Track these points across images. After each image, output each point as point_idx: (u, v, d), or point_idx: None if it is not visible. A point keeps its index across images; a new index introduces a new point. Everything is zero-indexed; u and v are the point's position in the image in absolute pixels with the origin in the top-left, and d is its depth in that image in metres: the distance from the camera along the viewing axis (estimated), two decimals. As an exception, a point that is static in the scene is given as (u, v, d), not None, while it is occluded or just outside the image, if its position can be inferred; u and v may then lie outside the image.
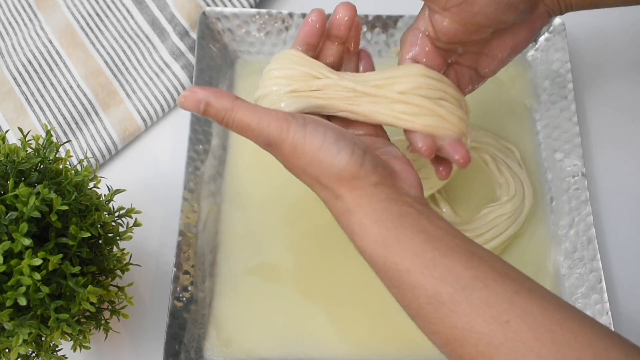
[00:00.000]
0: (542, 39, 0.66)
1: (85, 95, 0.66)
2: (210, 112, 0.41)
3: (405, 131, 0.48)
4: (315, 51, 0.48)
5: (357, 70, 0.50)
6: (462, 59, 0.50)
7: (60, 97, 0.66)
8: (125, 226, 0.51)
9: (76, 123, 0.65)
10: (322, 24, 0.47)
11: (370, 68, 0.50)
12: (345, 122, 0.47)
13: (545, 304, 0.37)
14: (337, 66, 0.49)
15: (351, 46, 0.49)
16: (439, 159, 0.51)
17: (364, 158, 0.41)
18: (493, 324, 0.36)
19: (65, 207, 0.44)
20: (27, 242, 0.41)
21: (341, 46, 0.48)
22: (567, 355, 0.35)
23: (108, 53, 0.69)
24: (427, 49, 0.48)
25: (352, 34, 0.48)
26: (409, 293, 0.39)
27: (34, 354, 0.47)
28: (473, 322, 0.36)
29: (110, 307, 0.51)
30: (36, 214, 0.42)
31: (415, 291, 0.38)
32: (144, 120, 0.66)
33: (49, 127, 0.51)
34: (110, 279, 0.50)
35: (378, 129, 0.48)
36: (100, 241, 0.49)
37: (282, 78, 0.46)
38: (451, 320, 0.37)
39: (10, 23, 0.71)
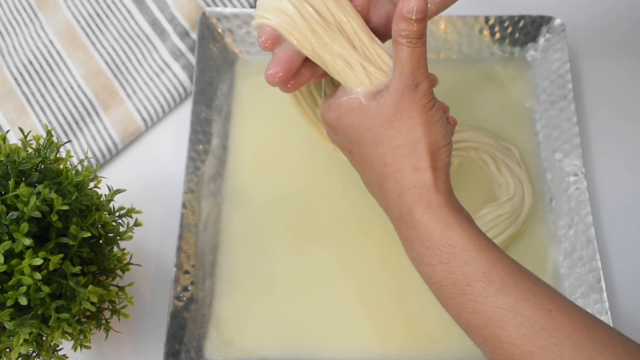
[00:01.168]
0: (541, 39, 0.67)
1: (85, 95, 0.66)
2: (418, 26, 0.42)
3: None
4: None
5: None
6: None
7: (60, 97, 0.67)
8: (125, 226, 0.51)
9: (77, 123, 0.65)
10: None
11: None
12: None
13: (577, 307, 0.39)
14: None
15: None
16: None
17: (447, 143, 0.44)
18: (537, 310, 0.38)
19: (65, 207, 0.44)
20: (27, 242, 0.41)
21: None
22: (602, 347, 0.36)
23: (108, 53, 0.69)
24: None
25: None
26: (459, 270, 0.40)
27: (34, 354, 0.47)
28: (518, 304, 0.38)
29: (110, 306, 0.51)
30: (37, 214, 0.43)
31: (466, 268, 0.40)
32: (144, 120, 0.66)
33: (49, 127, 0.51)
34: (110, 278, 0.50)
35: None
36: (100, 241, 0.49)
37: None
38: (497, 299, 0.39)
39: (10, 23, 0.72)
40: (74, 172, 0.48)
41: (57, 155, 0.49)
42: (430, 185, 0.42)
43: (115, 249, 0.51)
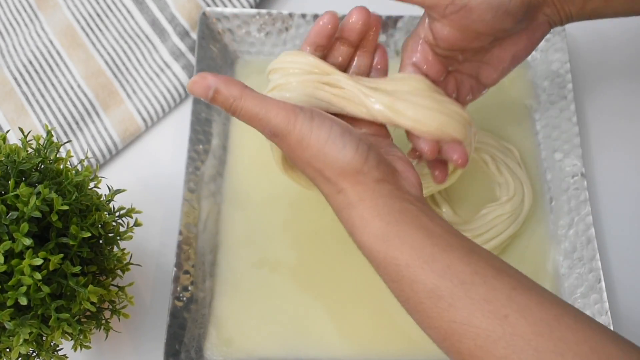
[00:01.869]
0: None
1: (85, 95, 0.66)
2: (218, 99, 0.41)
3: (408, 133, 0.48)
4: (323, 52, 0.48)
5: (370, 68, 0.50)
6: (462, 67, 0.50)
7: (60, 97, 0.67)
8: (125, 226, 0.51)
9: (77, 123, 0.65)
10: (334, 27, 0.47)
11: (384, 66, 0.50)
12: (348, 120, 0.47)
13: (542, 300, 0.37)
14: (344, 68, 0.49)
15: (366, 47, 0.49)
16: (435, 163, 0.51)
17: (368, 154, 0.41)
18: (491, 318, 0.36)
19: (65, 207, 0.44)
20: (27, 242, 0.42)
21: (351, 49, 0.49)
22: (564, 349, 0.35)
23: (108, 53, 0.69)
24: (427, 56, 0.48)
25: (371, 36, 0.48)
26: (408, 288, 0.39)
27: (34, 354, 0.47)
28: (471, 316, 0.37)
29: (110, 306, 0.51)
30: (37, 214, 0.43)
31: (414, 285, 0.39)
32: (144, 120, 0.66)
33: (49, 127, 0.51)
34: (110, 278, 0.50)
35: (382, 129, 0.48)
36: (100, 241, 0.49)
37: (291, 70, 0.46)
38: (450, 314, 0.37)
39: (10, 23, 0.72)
40: (74, 172, 0.48)
41: (57, 155, 0.49)
42: (354, 203, 0.41)
43: (115, 249, 0.51)
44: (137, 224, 0.51)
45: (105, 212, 0.49)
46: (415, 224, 0.40)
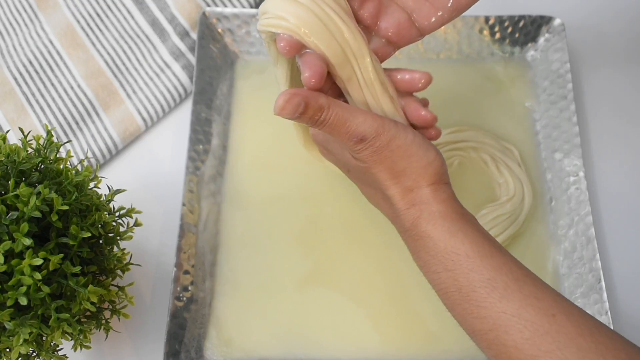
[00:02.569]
0: (541, 39, 0.67)
1: (85, 95, 0.66)
2: (308, 112, 0.42)
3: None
4: None
5: None
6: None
7: (60, 97, 0.67)
8: (125, 226, 0.51)
9: (77, 123, 0.65)
10: None
11: None
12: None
13: (581, 311, 0.40)
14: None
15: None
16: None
17: (443, 159, 0.45)
18: (541, 314, 0.39)
19: (65, 207, 0.44)
20: (27, 242, 0.41)
21: None
22: (605, 352, 0.37)
23: (108, 53, 0.69)
24: None
25: None
26: (463, 276, 0.41)
27: (34, 354, 0.47)
28: (522, 310, 0.39)
29: (110, 306, 0.51)
30: (37, 214, 0.43)
31: (470, 275, 0.41)
32: (144, 120, 0.66)
33: (49, 127, 0.51)
34: (110, 278, 0.50)
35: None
36: (100, 241, 0.49)
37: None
38: (502, 305, 0.39)
39: (10, 23, 0.72)
40: (74, 172, 0.48)
41: (57, 155, 0.49)
42: (430, 199, 0.43)
43: (115, 249, 0.50)
44: (137, 223, 0.51)
45: (105, 212, 0.49)
46: (475, 226, 0.43)
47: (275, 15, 0.43)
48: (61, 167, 0.48)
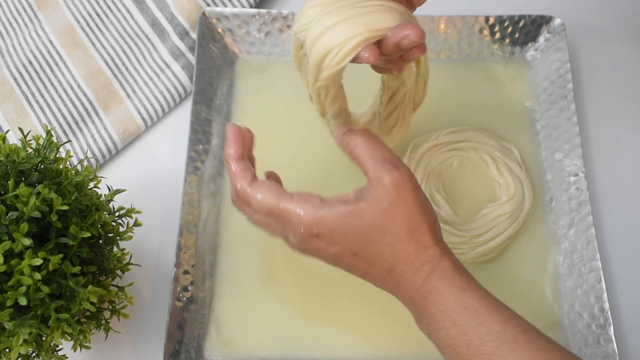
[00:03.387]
0: (541, 39, 0.67)
1: (85, 95, 0.66)
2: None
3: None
4: None
5: None
6: None
7: (60, 97, 0.66)
8: (125, 226, 0.51)
9: (76, 123, 0.65)
10: None
11: None
12: None
13: None
14: None
15: None
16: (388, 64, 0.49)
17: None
18: None
19: (65, 207, 0.44)
20: (27, 242, 0.41)
21: None
22: None
23: (108, 53, 0.69)
24: None
25: None
26: (473, 331, 0.42)
27: (34, 354, 0.47)
28: None
29: (110, 307, 0.51)
30: (36, 214, 0.43)
31: (480, 328, 0.41)
32: (144, 120, 0.66)
33: (49, 127, 0.51)
34: (110, 278, 0.50)
35: None
36: (100, 241, 0.49)
37: None
38: (511, 357, 0.40)
39: (10, 23, 0.71)
40: (73, 172, 0.48)
41: (57, 155, 0.49)
42: (440, 256, 0.44)
43: (115, 249, 0.50)
44: (137, 224, 0.51)
45: (105, 212, 0.49)
46: (477, 282, 0.45)
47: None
48: (61, 167, 0.48)
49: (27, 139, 0.50)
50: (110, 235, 0.50)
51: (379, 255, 0.45)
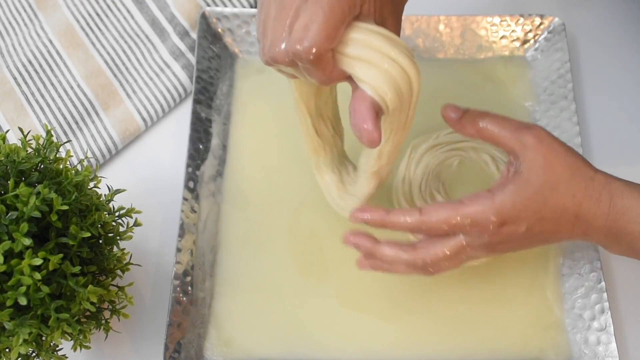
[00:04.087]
0: (542, 39, 0.67)
1: (85, 95, 0.66)
2: (469, 116, 0.50)
3: None
4: None
5: None
6: None
7: (60, 97, 0.66)
8: (125, 226, 0.51)
9: (76, 123, 0.65)
10: None
11: None
12: None
13: None
14: None
15: None
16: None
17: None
18: None
19: (65, 207, 0.44)
20: (27, 242, 0.41)
21: None
22: None
23: (108, 53, 0.69)
24: None
25: None
26: None
27: (34, 354, 0.47)
28: None
29: (110, 307, 0.51)
30: (36, 214, 0.43)
31: None
32: (144, 120, 0.66)
33: (49, 127, 0.51)
34: (110, 278, 0.50)
35: None
36: (100, 241, 0.49)
37: None
38: None
39: (10, 23, 0.71)
40: (73, 172, 0.48)
41: (57, 155, 0.49)
42: (608, 179, 0.47)
43: (115, 249, 0.50)
44: (136, 224, 0.51)
45: (105, 212, 0.49)
46: None
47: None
48: (61, 167, 0.48)
49: (27, 138, 0.50)
50: (110, 235, 0.50)
51: (561, 207, 0.46)
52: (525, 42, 0.67)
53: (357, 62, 0.41)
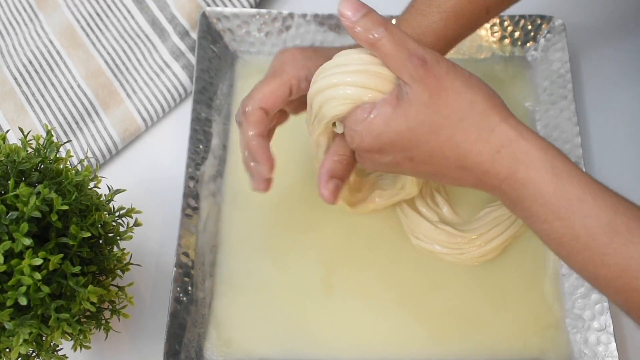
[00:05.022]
0: (541, 39, 0.67)
1: (85, 95, 0.66)
2: (367, 22, 0.40)
3: None
4: None
5: None
6: None
7: (60, 97, 0.66)
8: (125, 226, 0.51)
9: (76, 123, 0.65)
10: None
11: None
12: None
13: None
14: None
15: None
16: None
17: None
18: None
19: (65, 207, 0.44)
20: (27, 242, 0.41)
21: None
22: None
23: (108, 53, 0.69)
24: None
25: None
26: (579, 224, 0.37)
27: (34, 354, 0.47)
28: None
29: (110, 306, 0.51)
30: (36, 214, 0.43)
31: (587, 220, 0.37)
32: (144, 120, 0.66)
33: (49, 127, 0.51)
34: (110, 278, 0.50)
35: None
36: (100, 241, 0.49)
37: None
38: (628, 250, 0.36)
39: (10, 23, 0.71)
40: (73, 172, 0.48)
41: (57, 155, 0.49)
42: (515, 136, 0.39)
43: (115, 249, 0.50)
44: (137, 224, 0.51)
45: (105, 212, 0.49)
46: (568, 160, 0.39)
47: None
48: (61, 167, 0.48)
49: (27, 138, 0.50)
50: (110, 235, 0.50)
51: (440, 154, 0.40)
52: (525, 42, 0.67)
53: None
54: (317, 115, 0.47)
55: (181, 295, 0.56)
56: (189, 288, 0.56)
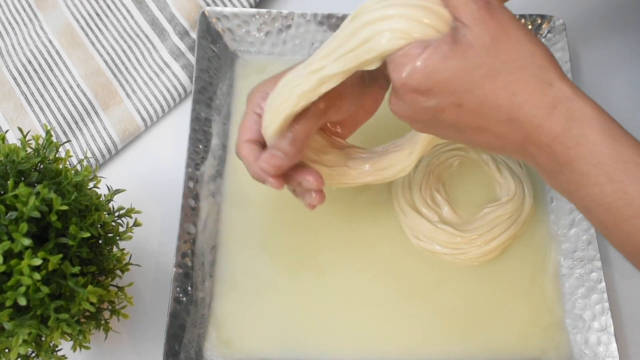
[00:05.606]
0: (542, 38, 0.66)
1: (85, 95, 0.66)
2: None
3: None
4: None
5: None
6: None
7: (60, 97, 0.66)
8: (125, 226, 0.51)
9: (76, 123, 0.65)
10: None
11: None
12: None
13: None
14: None
15: None
16: None
17: None
18: None
19: (65, 207, 0.44)
20: (27, 242, 0.41)
21: None
22: None
23: (108, 53, 0.69)
24: None
25: None
26: (634, 188, 0.36)
27: (33, 354, 0.47)
28: None
29: (110, 307, 0.51)
30: (36, 214, 0.42)
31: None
32: (143, 120, 0.66)
33: (48, 127, 0.51)
34: (110, 279, 0.50)
35: None
36: (100, 241, 0.49)
37: None
38: None
39: (10, 23, 0.71)
40: (73, 172, 0.48)
41: (57, 155, 0.49)
42: (573, 94, 0.38)
43: (115, 249, 0.50)
44: (136, 224, 0.51)
45: (105, 212, 0.49)
46: (621, 126, 0.38)
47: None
48: (60, 167, 0.48)
49: (27, 138, 0.49)
50: (109, 235, 0.50)
51: (492, 102, 0.38)
52: (525, 42, 0.67)
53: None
54: (358, 48, 0.41)
55: (181, 295, 0.55)
56: (189, 288, 0.56)
